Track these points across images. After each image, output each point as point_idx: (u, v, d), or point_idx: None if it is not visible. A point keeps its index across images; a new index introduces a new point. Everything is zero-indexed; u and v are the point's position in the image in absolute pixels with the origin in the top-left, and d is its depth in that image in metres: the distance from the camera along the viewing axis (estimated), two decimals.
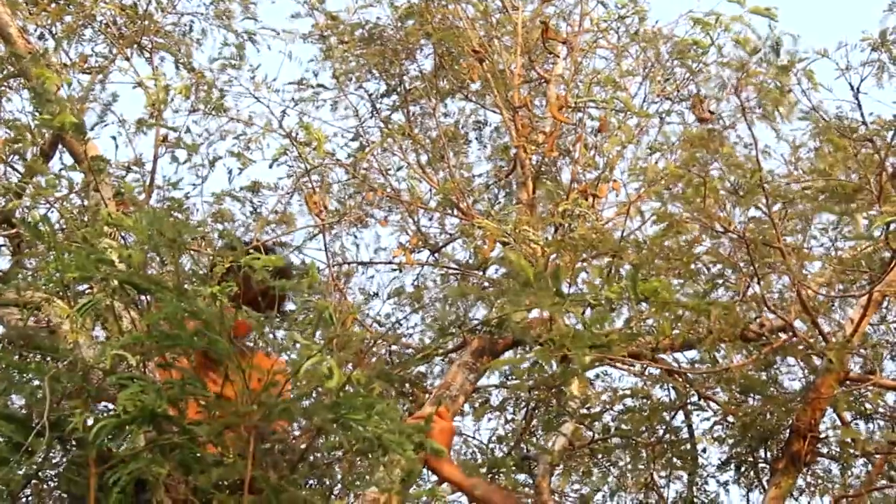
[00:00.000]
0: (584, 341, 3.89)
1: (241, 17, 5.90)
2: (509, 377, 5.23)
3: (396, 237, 6.19)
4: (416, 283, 6.11)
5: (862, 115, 4.40)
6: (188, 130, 5.32)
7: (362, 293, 6.28)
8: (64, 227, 4.14)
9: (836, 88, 4.44)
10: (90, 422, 3.18)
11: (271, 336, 3.67)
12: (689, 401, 5.28)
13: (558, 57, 6.01)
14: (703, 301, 4.33)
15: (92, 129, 4.45)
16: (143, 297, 3.39)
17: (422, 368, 5.65)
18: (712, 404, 5.19)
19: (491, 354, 4.68)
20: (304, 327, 3.38)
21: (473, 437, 5.84)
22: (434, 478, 5.21)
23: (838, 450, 4.83)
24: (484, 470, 5.29)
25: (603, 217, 5.32)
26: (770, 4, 4.68)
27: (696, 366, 5.19)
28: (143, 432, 3.22)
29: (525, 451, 5.41)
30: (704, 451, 5.37)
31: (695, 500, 5.40)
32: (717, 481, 5.38)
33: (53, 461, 3.38)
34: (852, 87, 4.33)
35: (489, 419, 5.83)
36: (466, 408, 5.67)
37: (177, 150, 5.16)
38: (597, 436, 5.42)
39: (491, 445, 5.66)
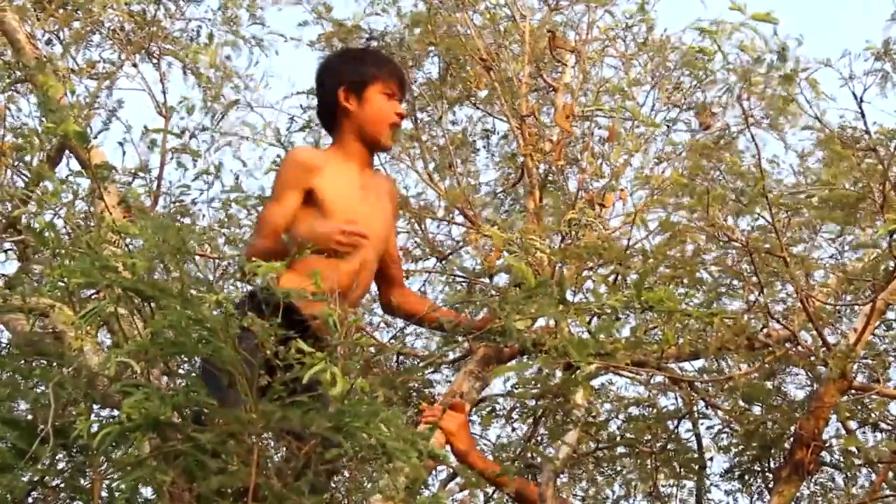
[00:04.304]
0: (589, 350, 3.89)
1: (249, 23, 5.91)
2: (515, 385, 5.24)
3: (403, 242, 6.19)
4: (422, 289, 6.12)
5: (865, 124, 4.40)
6: (194, 136, 5.31)
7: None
8: (70, 233, 4.15)
9: (840, 98, 4.45)
10: (94, 428, 3.19)
11: None
12: (695, 409, 5.28)
13: (566, 65, 6.00)
14: (707, 310, 4.34)
15: (96, 136, 4.46)
16: (148, 304, 3.40)
17: (430, 377, 5.66)
18: (716, 412, 5.19)
19: (497, 362, 4.69)
20: None
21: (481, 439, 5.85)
22: (437, 484, 5.24)
23: (842, 459, 4.83)
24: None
25: (609, 226, 5.31)
26: (769, 9, 4.68)
27: (702, 374, 5.19)
28: (148, 439, 3.23)
29: (530, 458, 5.41)
30: (711, 459, 5.37)
31: None
32: (727, 491, 5.39)
33: (58, 468, 3.39)
34: (856, 97, 4.33)
35: (495, 426, 5.84)
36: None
37: (183, 155, 5.18)
38: (602, 444, 5.42)
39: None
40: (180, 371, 3.54)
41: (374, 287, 4.74)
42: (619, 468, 5.70)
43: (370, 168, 4.52)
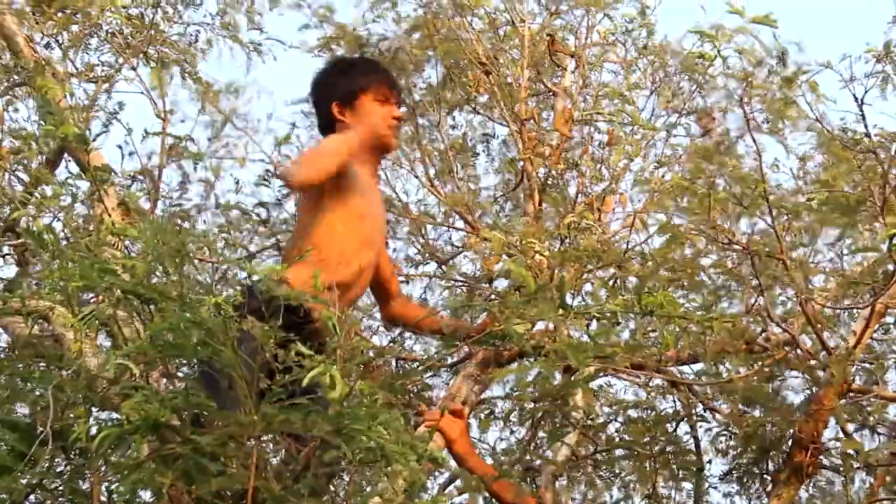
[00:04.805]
0: (588, 352, 3.89)
1: (248, 28, 5.91)
2: (514, 388, 5.23)
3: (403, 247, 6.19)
4: (422, 296, 6.11)
5: (866, 126, 4.40)
6: (192, 139, 5.30)
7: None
8: (69, 236, 4.15)
9: (840, 100, 4.46)
10: (94, 431, 3.19)
11: None
12: (693, 412, 5.29)
13: (565, 70, 6.00)
14: (707, 314, 4.33)
15: (96, 138, 4.46)
16: (147, 307, 3.40)
17: (428, 380, 5.65)
18: (716, 415, 5.19)
19: (497, 365, 4.68)
20: None
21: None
22: (436, 487, 5.23)
23: (840, 462, 4.83)
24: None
25: (609, 230, 5.31)
26: (768, 12, 4.69)
27: (701, 377, 5.19)
28: (147, 442, 3.23)
29: (529, 461, 5.41)
30: (710, 462, 5.37)
31: None
32: (725, 493, 5.39)
33: (57, 470, 3.39)
34: (856, 99, 4.33)
35: (494, 429, 5.84)
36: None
37: (183, 159, 5.17)
38: (600, 447, 5.42)
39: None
40: (179, 374, 3.54)
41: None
42: (617, 471, 5.70)
43: (376, 177, 4.59)
